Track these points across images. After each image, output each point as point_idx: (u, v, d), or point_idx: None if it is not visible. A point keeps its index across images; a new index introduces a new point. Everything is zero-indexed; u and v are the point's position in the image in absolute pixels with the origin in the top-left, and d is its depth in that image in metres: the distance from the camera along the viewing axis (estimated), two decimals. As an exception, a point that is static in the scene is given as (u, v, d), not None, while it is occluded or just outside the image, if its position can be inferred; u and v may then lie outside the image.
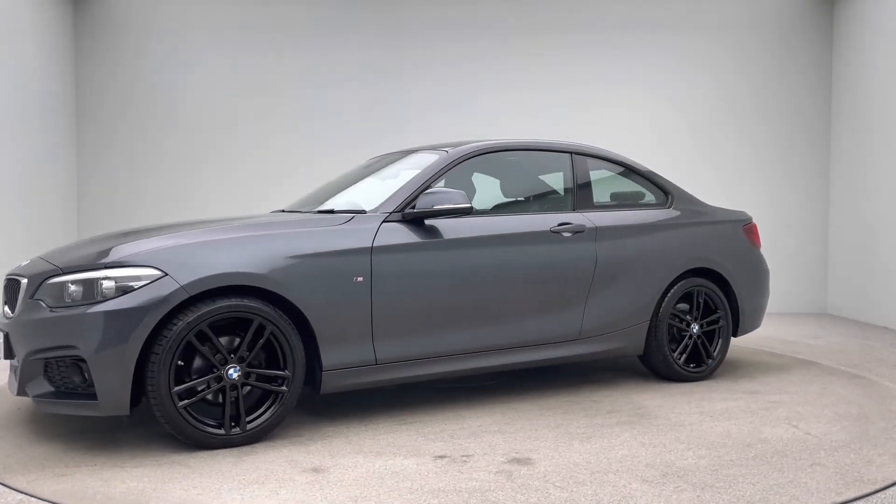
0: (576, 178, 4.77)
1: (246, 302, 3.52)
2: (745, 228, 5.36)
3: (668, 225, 4.95)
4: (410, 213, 4.03)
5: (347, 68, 8.40)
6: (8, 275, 3.88)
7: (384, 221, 3.99)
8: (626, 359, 5.55)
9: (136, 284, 3.35)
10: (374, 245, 3.87)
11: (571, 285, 4.49)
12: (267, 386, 3.59)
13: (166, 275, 3.38)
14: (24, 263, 3.92)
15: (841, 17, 8.53)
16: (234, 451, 3.46)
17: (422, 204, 4.02)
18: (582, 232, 4.55)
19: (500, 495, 2.90)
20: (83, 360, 3.31)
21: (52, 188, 7.94)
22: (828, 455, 3.42)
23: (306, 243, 3.73)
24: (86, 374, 3.36)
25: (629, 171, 5.07)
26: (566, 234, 4.49)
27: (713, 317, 5.06)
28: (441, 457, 3.38)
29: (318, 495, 2.90)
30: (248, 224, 3.85)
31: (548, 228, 4.44)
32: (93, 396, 3.33)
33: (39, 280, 3.51)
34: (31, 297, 3.52)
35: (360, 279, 3.80)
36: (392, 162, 4.80)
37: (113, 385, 3.29)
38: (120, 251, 3.51)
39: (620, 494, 2.92)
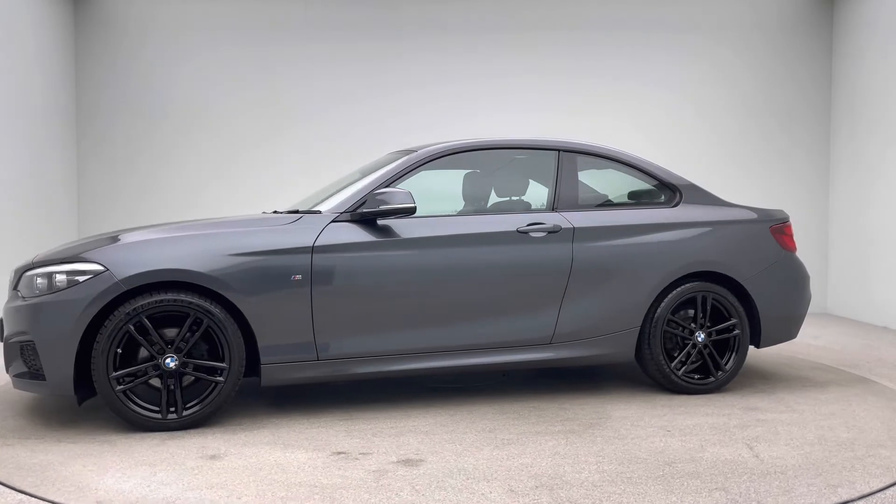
0: (560, 176, 4.58)
1: (182, 297, 3.77)
2: (774, 229, 4.86)
3: (667, 225, 4.61)
4: (357, 213, 4.11)
5: (348, 67, 8.43)
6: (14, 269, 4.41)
7: (333, 221, 4.09)
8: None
9: (81, 278, 3.71)
10: (316, 244, 3.98)
11: (541, 287, 4.33)
12: (204, 376, 3.82)
13: (107, 270, 3.71)
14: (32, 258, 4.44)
15: (841, 16, 8.47)
16: (166, 434, 3.72)
17: (370, 204, 4.08)
18: (556, 232, 4.37)
19: (349, 493, 2.92)
20: (35, 345, 3.72)
21: (52, 186, 7.91)
22: (748, 481, 3.08)
23: (246, 242, 3.92)
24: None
25: (631, 168, 4.78)
26: (536, 235, 4.34)
27: (725, 325, 4.65)
28: (339, 453, 3.44)
29: (185, 479, 3.07)
30: (198, 224, 4.11)
31: (514, 228, 4.32)
32: (44, 377, 3.72)
33: (20, 273, 3.98)
34: (14, 287, 4.00)
35: (298, 277, 3.93)
36: (388, 162, 4.87)
37: (57, 368, 3.67)
38: (77, 248, 3.90)
39: (468, 502, 2.83)
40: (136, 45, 8.39)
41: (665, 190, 4.79)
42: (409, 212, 4.06)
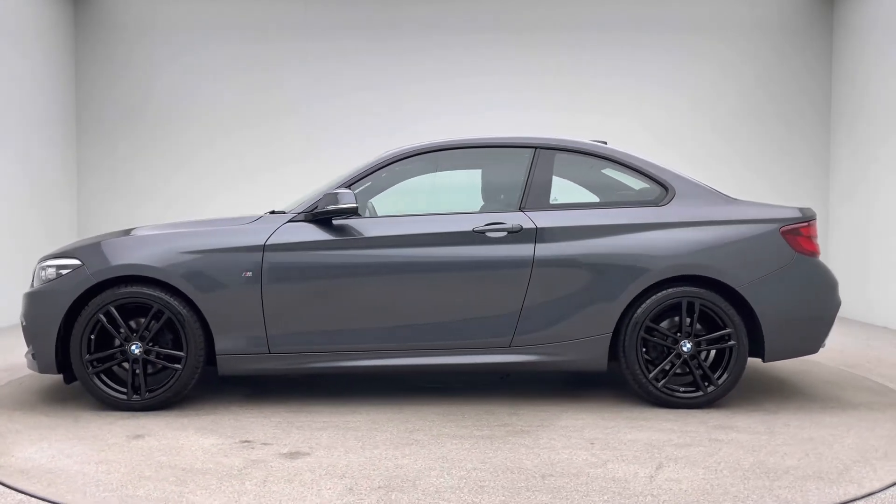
0: (533, 175, 4.42)
1: (145, 290, 4.15)
2: (786, 230, 4.34)
3: (647, 225, 4.28)
4: (311, 213, 4.26)
5: (348, 66, 8.41)
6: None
7: (289, 221, 4.28)
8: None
9: (64, 272, 4.21)
10: (268, 243, 4.19)
11: (499, 289, 4.22)
12: (166, 363, 4.18)
13: (83, 265, 4.18)
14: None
15: (841, 16, 8.52)
16: (127, 413, 4.12)
17: (322, 205, 4.23)
18: (517, 232, 4.24)
19: (203, 478, 3.09)
20: (27, 328, 4.28)
21: (52, 185, 8.08)
22: (607, 502, 2.85)
23: (204, 241, 4.22)
24: (37, 340, 4.31)
25: (617, 165, 4.50)
26: (493, 235, 4.23)
27: (717, 334, 4.24)
28: (246, 441, 3.62)
29: (90, 453, 3.41)
30: (169, 224, 4.49)
31: (470, 228, 4.25)
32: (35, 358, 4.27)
33: (36, 266, 4.59)
34: (32, 279, 4.61)
35: (248, 274, 4.16)
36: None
37: (43, 350, 4.19)
38: (76, 244, 4.42)
39: (300, 497, 2.90)
40: (136, 46, 8.63)
41: (655, 187, 4.46)
42: (352, 212, 4.15)
